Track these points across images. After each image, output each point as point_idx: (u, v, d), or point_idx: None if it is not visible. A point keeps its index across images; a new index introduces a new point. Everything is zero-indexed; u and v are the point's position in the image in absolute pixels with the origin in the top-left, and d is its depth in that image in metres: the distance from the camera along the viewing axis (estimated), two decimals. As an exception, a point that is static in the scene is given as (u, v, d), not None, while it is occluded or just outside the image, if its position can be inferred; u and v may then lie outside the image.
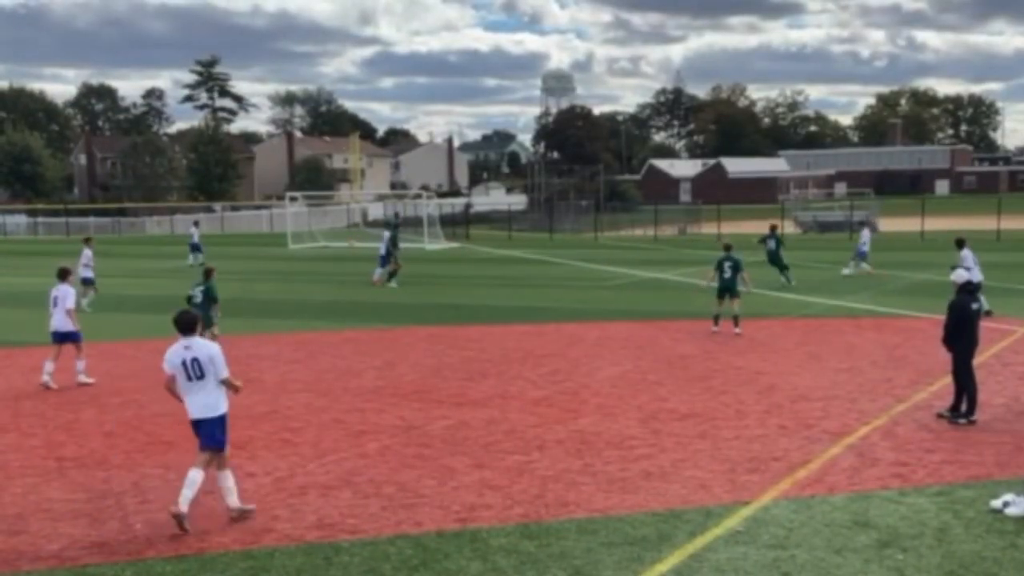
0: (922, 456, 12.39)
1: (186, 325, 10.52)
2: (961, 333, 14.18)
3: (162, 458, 12.89)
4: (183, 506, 10.07)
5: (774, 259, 33.67)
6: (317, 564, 9.21)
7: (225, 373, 10.52)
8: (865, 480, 11.47)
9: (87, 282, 29.76)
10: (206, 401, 10.44)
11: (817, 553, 9.25)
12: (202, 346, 10.52)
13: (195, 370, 10.40)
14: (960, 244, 25.15)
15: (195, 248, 46.84)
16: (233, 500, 10.50)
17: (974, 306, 14.27)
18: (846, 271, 35.75)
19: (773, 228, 35.31)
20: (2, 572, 9.15)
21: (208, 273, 21.60)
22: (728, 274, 22.73)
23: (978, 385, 14.35)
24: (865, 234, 37.05)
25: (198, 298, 21.05)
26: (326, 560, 9.29)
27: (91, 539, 9.92)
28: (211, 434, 10.44)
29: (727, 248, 23.51)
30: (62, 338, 18.01)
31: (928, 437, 13.29)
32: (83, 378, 18.02)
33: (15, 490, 11.63)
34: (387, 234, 36.68)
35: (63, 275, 18.46)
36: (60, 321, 17.97)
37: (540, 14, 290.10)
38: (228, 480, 10.50)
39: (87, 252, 30.16)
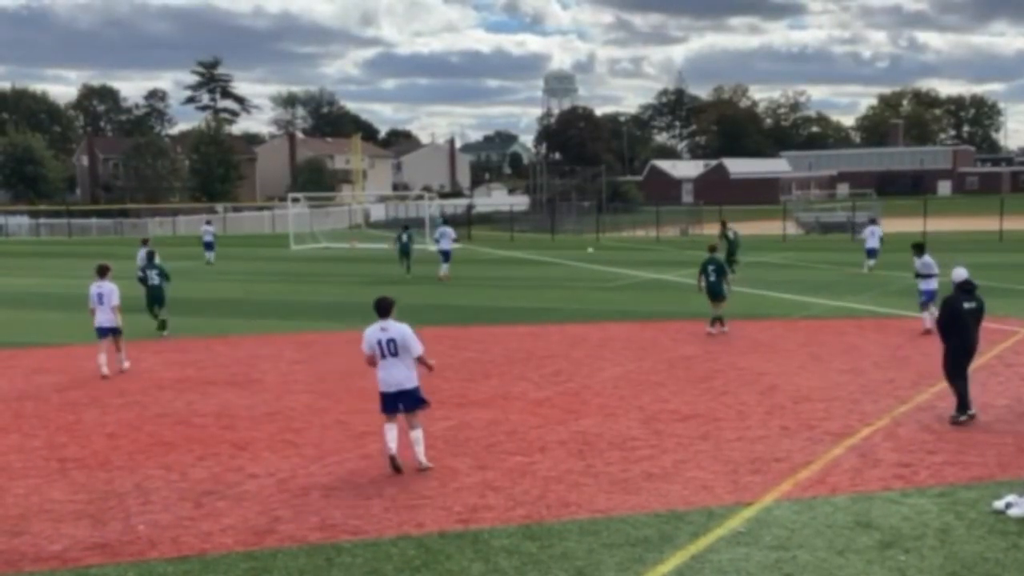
0: (924, 457, 12.39)
1: (384, 309, 12.05)
2: (952, 330, 14.23)
3: (164, 459, 12.90)
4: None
5: (732, 249, 35.57)
6: (319, 565, 9.21)
7: (419, 351, 12.03)
8: (867, 481, 11.47)
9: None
10: (403, 375, 11.95)
11: (819, 554, 9.25)
12: (396, 328, 11.97)
13: (390, 348, 11.88)
14: (919, 249, 22.28)
15: (209, 246, 48.74)
16: (420, 454, 12.07)
17: (966, 305, 14.26)
18: (865, 269, 36.25)
19: (725, 223, 37.38)
20: (5, 573, 9.16)
21: (152, 255, 24.80)
22: (713, 277, 22.83)
23: (969, 383, 14.35)
24: (866, 231, 38.16)
25: (155, 280, 24.00)
26: (328, 561, 9.29)
27: (93, 540, 9.93)
28: (412, 401, 12.05)
29: (711, 249, 23.68)
30: (108, 332, 19.07)
31: (930, 438, 13.28)
32: (126, 364, 19.31)
33: (17, 491, 11.64)
34: (450, 231, 39.05)
35: (103, 272, 19.48)
36: (108, 317, 18.99)
37: (542, 15, 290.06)
38: (419, 435, 12.12)
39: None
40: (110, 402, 16.53)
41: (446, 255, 37.92)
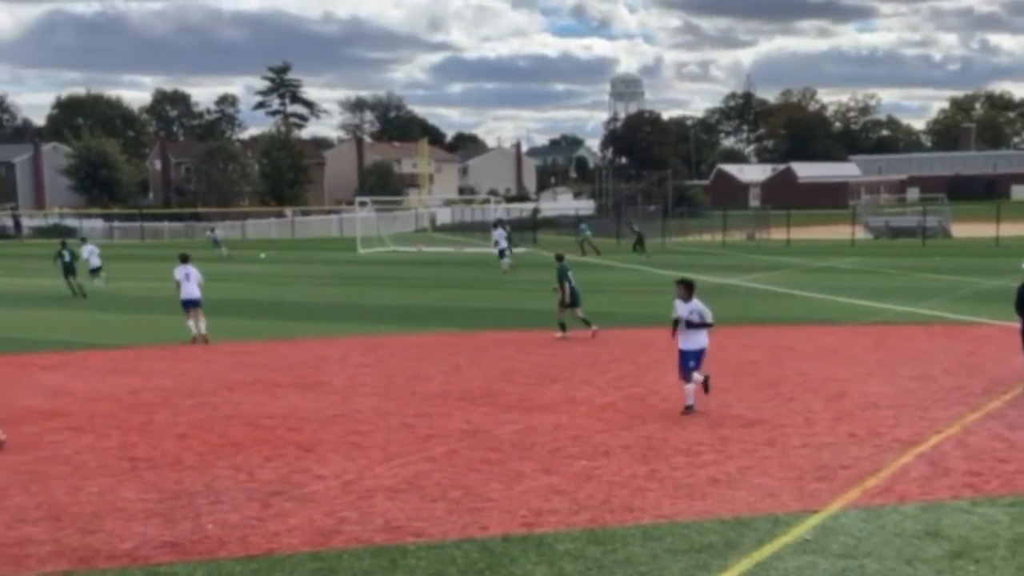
0: (995, 466, 12.18)
1: None
2: (1019, 311, 16.68)
3: (233, 459, 13.07)
4: None
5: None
6: (384, 566, 9.28)
7: None
8: (936, 490, 11.30)
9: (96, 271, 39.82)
10: None
11: (887, 563, 9.13)
12: None
13: None
14: (687, 289, 15.71)
15: (216, 243, 62.78)
16: None
17: None
18: None
19: (581, 218, 48.87)
20: (78, 569, 9.35)
21: None
22: (574, 283, 23.78)
23: None
24: None
25: None
26: (392, 563, 9.36)
27: (164, 539, 10.09)
28: None
29: (560, 259, 24.73)
30: (194, 304, 23.58)
31: (1001, 447, 13.05)
32: (204, 331, 23.50)
33: (91, 489, 11.87)
34: (502, 232, 46.93)
35: (185, 259, 24.08)
36: (194, 291, 23.56)
37: (609, 19, 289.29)
38: None
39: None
40: (181, 403, 16.79)
41: (501, 253, 45.75)
